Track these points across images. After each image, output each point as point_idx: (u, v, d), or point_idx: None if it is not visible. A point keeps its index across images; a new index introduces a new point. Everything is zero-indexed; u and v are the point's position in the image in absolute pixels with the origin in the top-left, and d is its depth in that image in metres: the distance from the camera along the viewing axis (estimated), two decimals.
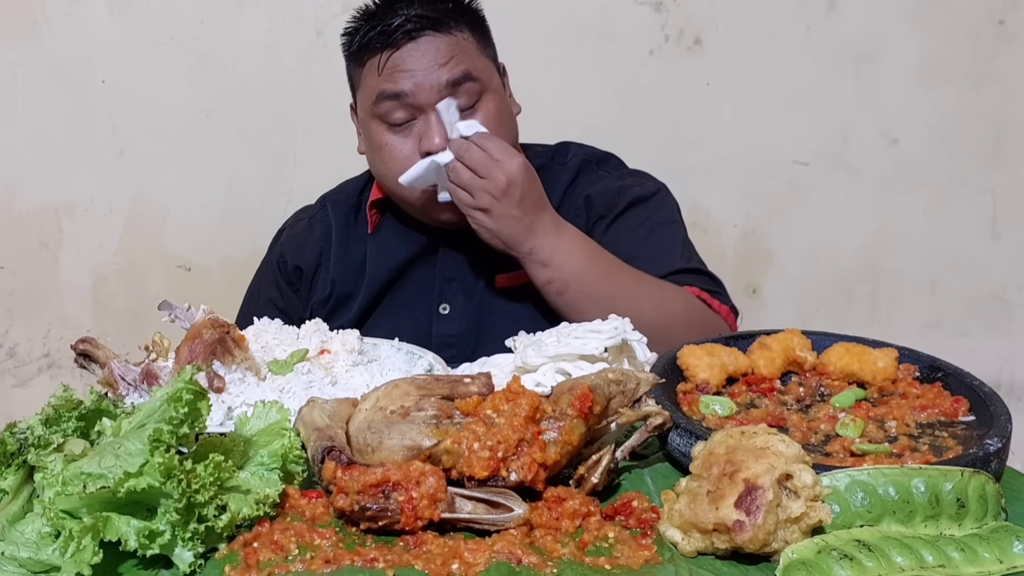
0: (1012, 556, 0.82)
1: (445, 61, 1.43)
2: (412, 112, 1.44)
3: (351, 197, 1.68)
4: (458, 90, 1.44)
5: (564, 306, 1.41)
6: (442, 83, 1.43)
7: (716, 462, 0.85)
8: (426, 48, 1.43)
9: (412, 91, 1.43)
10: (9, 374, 2.29)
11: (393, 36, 1.42)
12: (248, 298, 1.75)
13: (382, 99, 1.44)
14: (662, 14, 2.11)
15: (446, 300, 1.58)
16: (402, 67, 1.43)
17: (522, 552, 0.81)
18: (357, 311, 1.60)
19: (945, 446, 1.00)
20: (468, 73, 1.44)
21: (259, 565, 0.81)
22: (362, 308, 1.59)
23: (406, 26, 1.42)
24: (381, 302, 1.60)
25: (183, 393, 0.87)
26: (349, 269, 1.63)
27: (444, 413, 0.93)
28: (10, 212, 2.19)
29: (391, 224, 1.63)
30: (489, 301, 1.56)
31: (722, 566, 0.83)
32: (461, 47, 1.45)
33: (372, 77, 1.45)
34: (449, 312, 1.58)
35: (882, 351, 1.18)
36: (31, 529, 0.84)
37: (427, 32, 1.43)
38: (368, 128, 1.50)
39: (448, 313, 1.58)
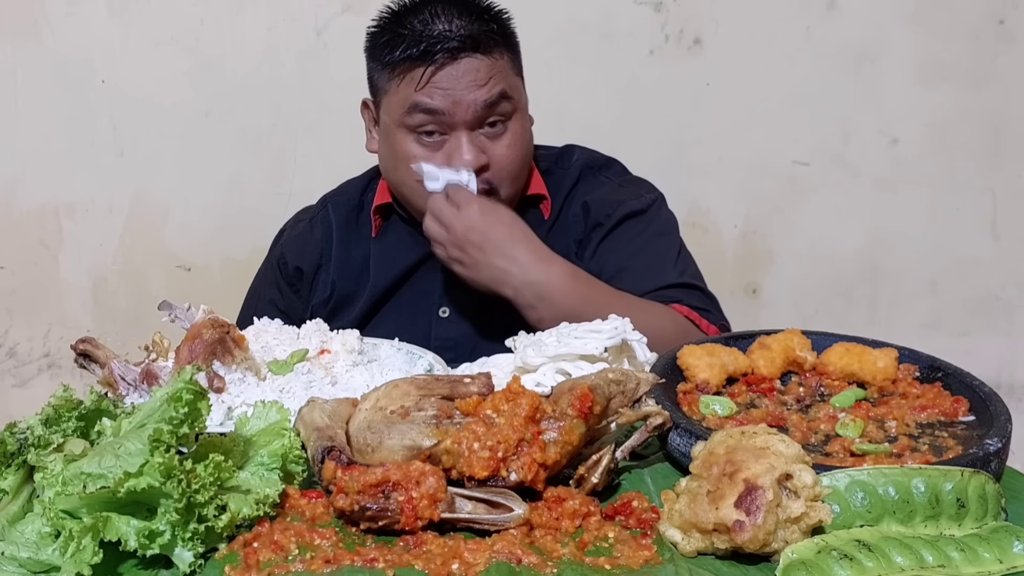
0: (1012, 556, 0.82)
1: (484, 82, 1.44)
2: (444, 128, 1.45)
3: (353, 197, 1.68)
4: (493, 111, 1.46)
5: None
6: (479, 104, 1.44)
7: (716, 462, 0.85)
8: (466, 68, 1.43)
9: (449, 110, 1.44)
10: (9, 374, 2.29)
11: (434, 54, 1.42)
12: (249, 299, 1.75)
13: (416, 111, 1.44)
14: (662, 14, 2.11)
15: (446, 304, 1.58)
16: (441, 85, 1.43)
17: (522, 552, 0.81)
18: (359, 314, 1.59)
19: (945, 446, 1.00)
20: (504, 93, 1.46)
21: (259, 565, 0.81)
22: (364, 311, 1.59)
23: (448, 43, 1.42)
24: (384, 306, 1.60)
25: (183, 393, 0.87)
26: (350, 270, 1.62)
27: (444, 413, 0.93)
28: (10, 212, 2.19)
29: (396, 228, 1.63)
30: (489, 305, 1.55)
31: (722, 566, 0.83)
32: (498, 68, 1.47)
33: (407, 88, 1.45)
34: (449, 315, 1.58)
35: (882, 351, 1.18)
36: (31, 529, 0.84)
37: (468, 53, 1.43)
38: (392, 135, 1.49)
39: (448, 316, 1.58)
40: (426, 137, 1.46)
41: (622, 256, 1.53)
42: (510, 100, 1.47)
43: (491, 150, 1.47)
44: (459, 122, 1.44)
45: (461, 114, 1.44)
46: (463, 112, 1.44)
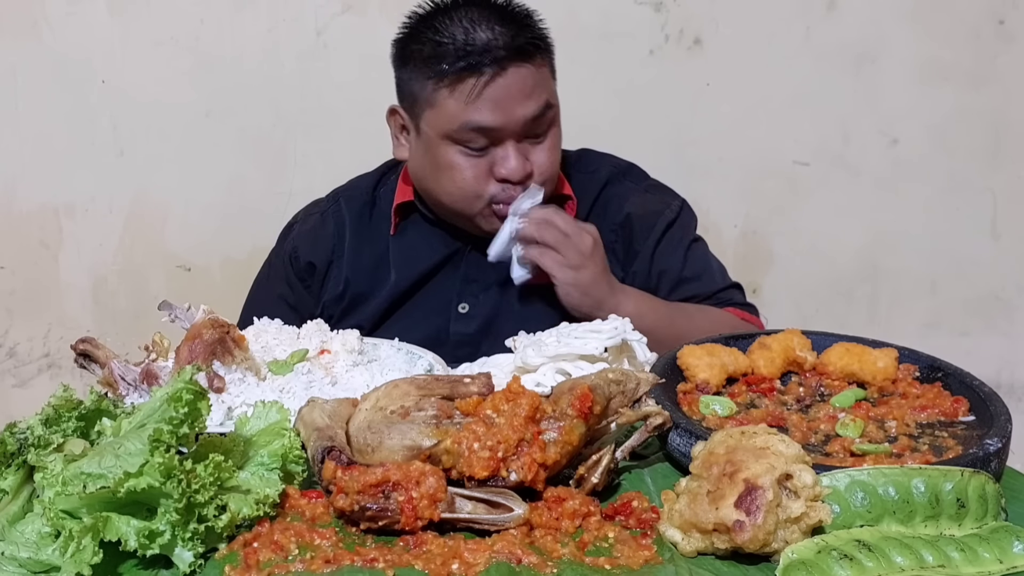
0: (1012, 556, 0.82)
1: (530, 93, 1.45)
2: (492, 141, 1.46)
3: (364, 193, 1.67)
4: (539, 122, 1.47)
5: None
6: (528, 117, 1.45)
7: (716, 462, 0.85)
8: (513, 79, 1.44)
9: (499, 125, 1.44)
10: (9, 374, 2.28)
11: (482, 65, 1.42)
12: (253, 296, 1.73)
13: (468, 129, 1.44)
14: (662, 14, 2.11)
15: (465, 299, 1.59)
16: (491, 98, 1.43)
17: (522, 552, 0.81)
18: (376, 310, 1.59)
19: (945, 446, 1.00)
20: (548, 103, 1.48)
21: (259, 565, 0.81)
22: (383, 308, 1.59)
23: (495, 54, 1.42)
24: (404, 304, 1.60)
25: (183, 393, 0.87)
26: (364, 268, 1.62)
27: (444, 413, 0.93)
28: (10, 212, 2.19)
29: (417, 227, 1.62)
30: (508, 299, 1.57)
31: (722, 566, 0.83)
32: (542, 76, 1.48)
33: (455, 103, 1.44)
34: (468, 311, 1.58)
35: (882, 351, 1.18)
36: (31, 529, 0.84)
37: (515, 63, 1.44)
38: (436, 146, 1.48)
39: (466, 312, 1.58)
40: (472, 149, 1.47)
41: (674, 267, 1.60)
42: (552, 108, 1.49)
43: (533, 156, 1.48)
44: (508, 135, 1.46)
45: (511, 128, 1.45)
46: (513, 126, 1.45)
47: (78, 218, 2.20)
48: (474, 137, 1.45)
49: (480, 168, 1.47)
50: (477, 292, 1.58)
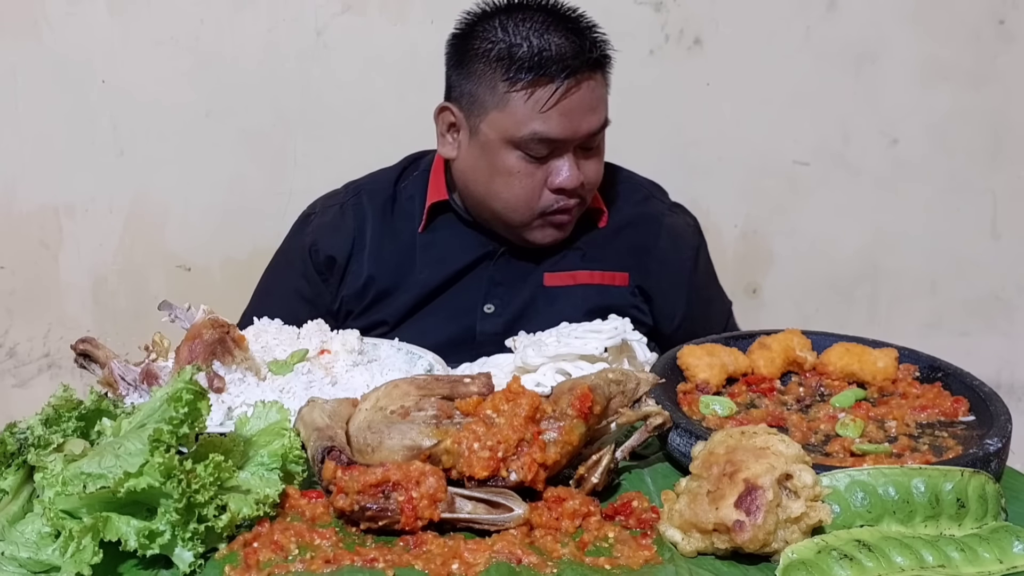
0: (1012, 556, 0.82)
1: (596, 107, 1.46)
2: (553, 150, 1.46)
3: (386, 188, 1.65)
4: (597, 136, 1.48)
5: None
6: (592, 131, 1.46)
7: (716, 462, 0.85)
8: (584, 92, 1.43)
9: (566, 137, 1.44)
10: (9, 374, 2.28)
11: (556, 74, 1.41)
12: (265, 287, 1.71)
13: (535, 139, 1.44)
14: (662, 14, 2.11)
15: (491, 300, 1.58)
16: (562, 109, 1.42)
17: (522, 552, 0.81)
18: (401, 307, 1.58)
19: (945, 446, 1.00)
20: (606, 120, 1.49)
21: (259, 565, 0.81)
22: (409, 305, 1.58)
23: (570, 63, 1.41)
24: (430, 302, 1.59)
25: (183, 393, 0.87)
26: (388, 264, 1.60)
27: (444, 413, 0.93)
28: (10, 212, 2.19)
29: (448, 226, 1.60)
30: (535, 300, 1.57)
31: (722, 566, 0.83)
32: (602, 90, 1.48)
33: (526, 110, 1.43)
34: (494, 311, 1.58)
35: (882, 351, 1.18)
36: (31, 529, 0.84)
37: (587, 75, 1.43)
38: (497, 150, 1.47)
39: (492, 312, 1.58)
40: (533, 157, 1.46)
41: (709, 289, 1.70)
42: (607, 123, 1.50)
43: (584, 167, 1.49)
44: (569, 146, 1.46)
45: (574, 140, 1.45)
46: (577, 139, 1.45)
47: (78, 218, 2.20)
48: (538, 147, 1.44)
49: (537, 177, 1.46)
50: (503, 293, 1.58)
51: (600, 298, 1.55)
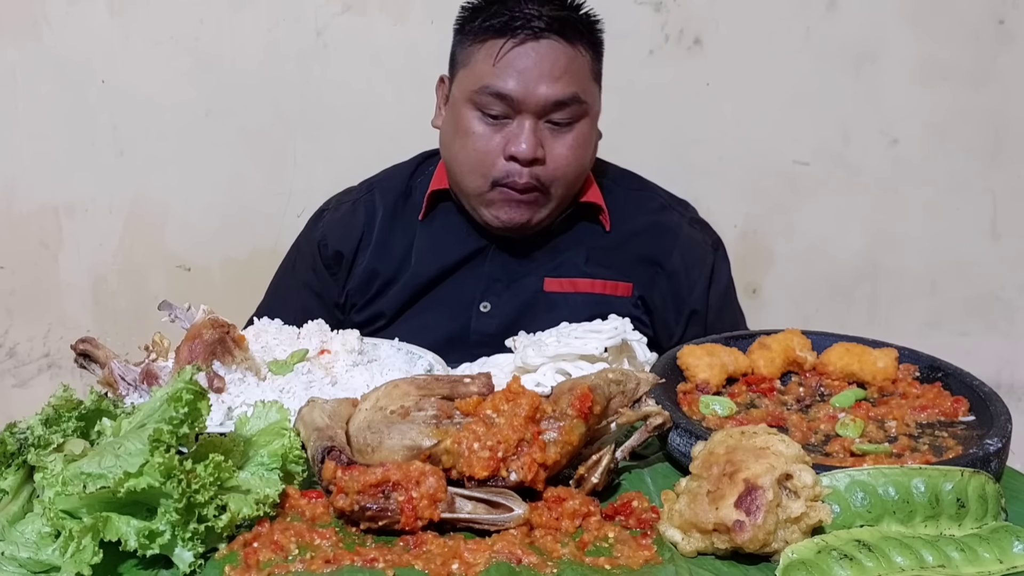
0: (1012, 556, 0.82)
1: (560, 75, 1.43)
2: (510, 112, 1.44)
3: (400, 183, 1.65)
4: (561, 109, 1.44)
5: None
6: (549, 100, 1.43)
7: (716, 462, 0.85)
8: (546, 51, 1.42)
9: (519, 96, 1.42)
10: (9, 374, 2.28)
11: (518, 28, 1.41)
12: (279, 280, 1.71)
13: (486, 93, 1.43)
14: (662, 14, 2.11)
15: (488, 299, 1.57)
16: (517, 65, 1.42)
17: (522, 552, 0.81)
18: (397, 299, 1.58)
19: (945, 446, 1.00)
20: (576, 96, 1.45)
21: (259, 565, 0.81)
22: (403, 299, 1.58)
23: (534, 22, 1.41)
24: (424, 296, 1.59)
25: (183, 393, 0.87)
26: (392, 256, 1.60)
27: (444, 413, 0.93)
28: (10, 212, 2.19)
29: (446, 215, 1.61)
30: (532, 303, 1.55)
31: (722, 566, 0.83)
32: (577, 64, 1.45)
33: (484, 64, 1.44)
34: (490, 310, 1.57)
35: (882, 351, 1.18)
36: (31, 529, 0.84)
37: (552, 35, 1.42)
38: (459, 109, 1.48)
39: (488, 311, 1.57)
40: (491, 118, 1.45)
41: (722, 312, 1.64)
42: (581, 104, 1.46)
43: (551, 145, 1.46)
44: (525, 109, 1.43)
45: (531, 103, 1.43)
46: (532, 102, 1.42)
47: (78, 218, 2.20)
48: (492, 103, 1.43)
49: (494, 142, 1.45)
50: (500, 291, 1.57)
51: (601, 308, 1.53)
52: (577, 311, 1.48)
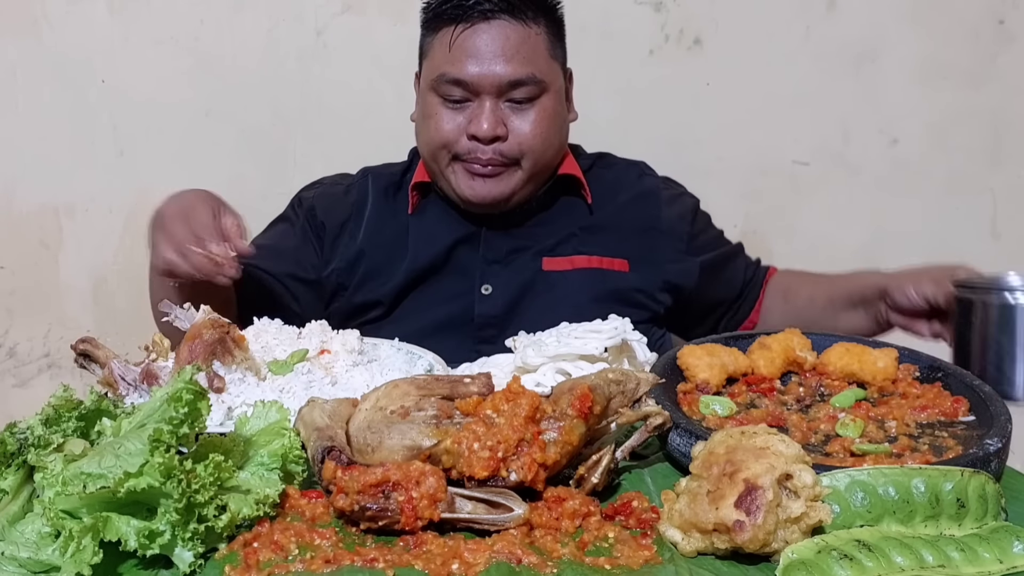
0: (1012, 556, 0.82)
1: (512, 55, 1.45)
2: (469, 94, 1.47)
3: (394, 175, 1.69)
4: (518, 88, 1.47)
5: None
6: (503, 81, 1.45)
7: (716, 462, 0.85)
8: (497, 32, 1.44)
9: (474, 80, 1.45)
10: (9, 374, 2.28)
11: (468, 11, 1.44)
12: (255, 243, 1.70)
13: (443, 81, 1.47)
14: (662, 14, 2.11)
15: (488, 281, 1.59)
16: (470, 50, 1.45)
17: (522, 552, 0.81)
18: (394, 287, 1.60)
19: (945, 446, 1.00)
20: (532, 76, 1.47)
21: (259, 565, 0.81)
22: (400, 285, 1.60)
23: (485, 7, 1.44)
24: (423, 283, 1.61)
25: (183, 393, 0.87)
26: (382, 244, 1.63)
27: (444, 413, 0.93)
28: (10, 212, 2.19)
29: (434, 206, 1.64)
30: (533, 283, 1.58)
31: (722, 566, 0.83)
32: (531, 43, 1.47)
33: (440, 52, 1.47)
34: (491, 293, 1.59)
35: (882, 351, 1.18)
36: (31, 529, 0.84)
37: (503, 16, 1.44)
38: (425, 97, 1.53)
39: (490, 294, 1.59)
40: (452, 102, 1.49)
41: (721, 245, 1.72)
42: (537, 84, 1.48)
43: (513, 123, 1.49)
44: (482, 91, 1.46)
45: (486, 85, 1.46)
46: (488, 84, 1.46)
47: (78, 218, 2.20)
48: (451, 89, 1.47)
49: (456, 122, 1.49)
50: (500, 273, 1.59)
51: (601, 283, 1.56)
52: (577, 288, 1.50)
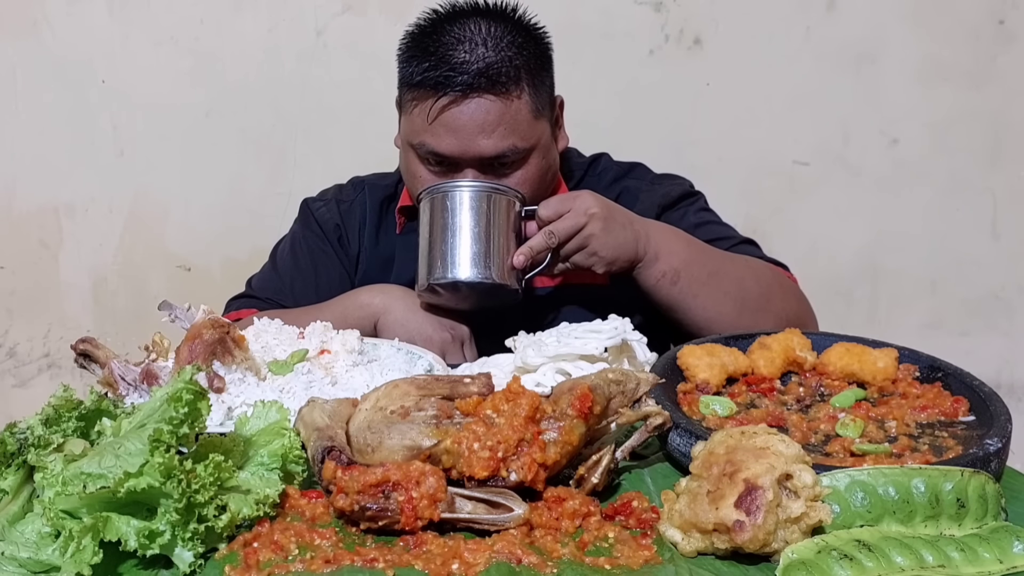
0: (1012, 556, 0.82)
1: (492, 130, 1.41)
2: (450, 165, 1.45)
3: (388, 187, 1.68)
4: (500, 159, 1.44)
5: (679, 297, 1.42)
6: (486, 155, 1.42)
7: (716, 462, 0.85)
8: (476, 109, 1.40)
9: (456, 154, 1.42)
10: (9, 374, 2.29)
11: (446, 87, 1.40)
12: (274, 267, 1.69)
13: (424, 149, 1.44)
14: (662, 14, 2.11)
15: None
16: (450, 125, 1.41)
17: (522, 552, 0.81)
18: None
19: (945, 446, 1.00)
20: (513, 148, 1.43)
21: (259, 565, 0.81)
22: None
23: (461, 78, 1.39)
24: None
25: (183, 393, 0.87)
26: (377, 261, 1.63)
27: (444, 413, 0.93)
28: (10, 212, 2.19)
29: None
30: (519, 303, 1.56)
31: (722, 566, 0.83)
32: (512, 113, 1.42)
33: (419, 119, 1.43)
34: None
35: (882, 351, 1.18)
36: (31, 529, 0.84)
37: (483, 94, 1.40)
38: (406, 151, 1.50)
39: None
40: (433, 165, 1.46)
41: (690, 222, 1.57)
42: (520, 152, 1.44)
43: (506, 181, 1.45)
44: (466, 164, 1.44)
45: (468, 159, 1.43)
46: (470, 158, 1.43)
47: (78, 218, 2.20)
48: (432, 157, 1.44)
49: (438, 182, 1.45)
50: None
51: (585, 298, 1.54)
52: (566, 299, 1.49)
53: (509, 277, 1.40)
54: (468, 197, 1.40)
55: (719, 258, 1.46)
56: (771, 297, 1.47)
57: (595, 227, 1.37)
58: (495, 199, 1.40)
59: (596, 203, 1.38)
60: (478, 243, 1.39)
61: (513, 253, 1.39)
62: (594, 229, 1.37)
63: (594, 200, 1.39)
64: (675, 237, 1.44)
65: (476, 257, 1.39)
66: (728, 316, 1.41)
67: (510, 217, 1.41)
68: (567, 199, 1.40)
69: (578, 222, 1.37)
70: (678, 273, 1.40)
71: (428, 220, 1.42)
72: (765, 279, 1.48)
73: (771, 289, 1.48)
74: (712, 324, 1.41)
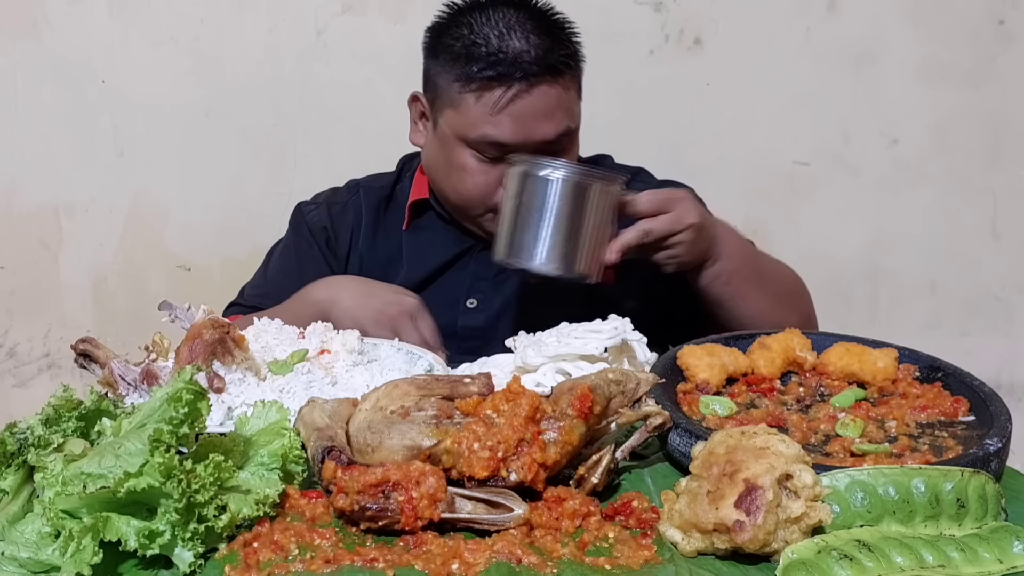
0: (1012, 556, 0.82)
1: (552, 114, 1.43)
2: (505, 153, 1.44)
3: (384, 189, 1.67)
4: (554, 144, 1.45)
5: (728, 295, 1.42)
6: (546, 138, 1.43)
7: (716, 462, 0.85)
8: (538, 98, 1.42)
9: (517, 142, 1.42)
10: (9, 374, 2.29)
11: (512, 78, 1.40)
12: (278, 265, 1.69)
13: (485, 141, 1.43)
14: (662, 14, 2.11)
15: (474, 295, 1.59)
16: (513, 114, 1.41)
17: (522, 552, 0.81)
18: None
19: (945, 446, 1.00)
20: (567, 130, 1.46)
21: (259, 565, 0.81)
22: None
23: (527, 67, 1.40)
24: None
25: (183, 393, 0.87)
26: (378, 261, 1.63)
27: (444, 413, 0.93)
28: (10, 212, 2.19)
29: (431, 224, 1.63)
30: (518, 296, 1.57)
31: (722, 566, 0.83)
32: (567, 97, 1.46)
33: (479, 112, 1.43)
34: (476, 306, 1.59)
35: (882, 351, 1.18)
36: (31, 529, 0.84)
37: (544, 81, 1.41)
38: (451, 146, 1.48)
39: (475, 307, 1.59)
40: (486, 157, 1.46)
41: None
42: (571, 133, 1.47)
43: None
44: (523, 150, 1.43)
45: (527, 146, 1.43)
46: (530, 145, 1.43)
47: (78, 218, 2.20)
48: (489, 149, 1.45)
49: (490, 176, 1.46)
50: (486, 288, 1.59)
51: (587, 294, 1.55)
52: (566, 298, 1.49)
53: (591, 268, 1.35)
54: (574, 187, 1.31)
55: (763, 258, 1.51)
56: (796, 297, 1.53)
57: (689, 236, 1.36)
58: (601, 191, 1.32)
59: (697, 213, 1.37)
60: (572, 239, 1.32)
61: (604, 244, 1.34)
62: (687, 237, 1.36)
63: (696, 209, 1.37)
64: (734, 238, 1.46)
65: (566, 253, 1.32)
66: (766, 314, 1.43)
67: (609, 207, 1.34)
68: (671, 199, 1.37)
69: (675, 228, 1.35)
70: (731, 274, 1.41)
71: (517, 192, 1.33)
72: (792, 279, 1.55)
73: (796, 289, 1.54)
74: (751, 321, 1.42)
